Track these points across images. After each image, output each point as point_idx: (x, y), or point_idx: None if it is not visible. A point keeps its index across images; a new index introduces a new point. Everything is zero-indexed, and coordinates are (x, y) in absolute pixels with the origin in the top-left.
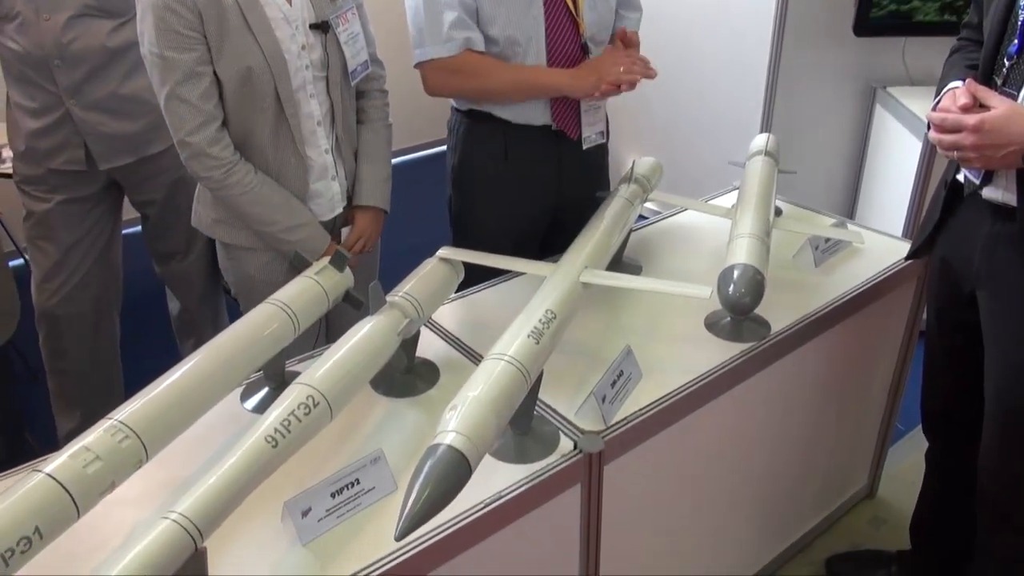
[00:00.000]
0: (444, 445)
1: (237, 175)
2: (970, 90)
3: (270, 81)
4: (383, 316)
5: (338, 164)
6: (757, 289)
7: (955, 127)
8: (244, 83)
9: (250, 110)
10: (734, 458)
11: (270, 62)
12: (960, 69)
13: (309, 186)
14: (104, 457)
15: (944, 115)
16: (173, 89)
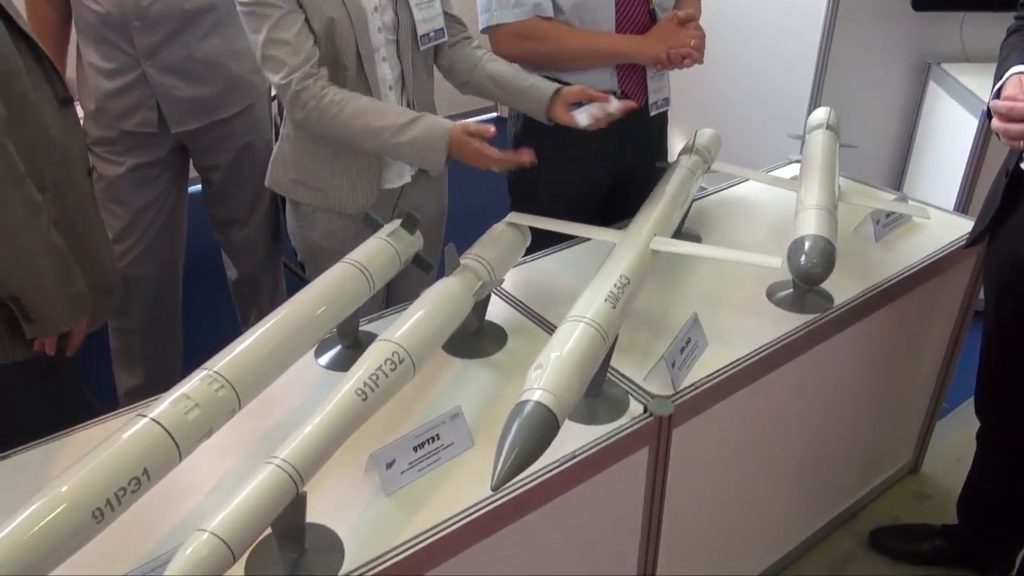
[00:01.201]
0: (533, 401)
1: (328, 96)
2: None
3: (351, 36)
4: (458, 277)
5: None
6: (828, 260)
7: (1023, 116)
8: (328, 36)
9: (334, 66)
10: (789, 428)
11: (352, 16)
12: (1021, 52)
13: None
14: (203, 405)
15: (1012, 104)
16: (269, 34)
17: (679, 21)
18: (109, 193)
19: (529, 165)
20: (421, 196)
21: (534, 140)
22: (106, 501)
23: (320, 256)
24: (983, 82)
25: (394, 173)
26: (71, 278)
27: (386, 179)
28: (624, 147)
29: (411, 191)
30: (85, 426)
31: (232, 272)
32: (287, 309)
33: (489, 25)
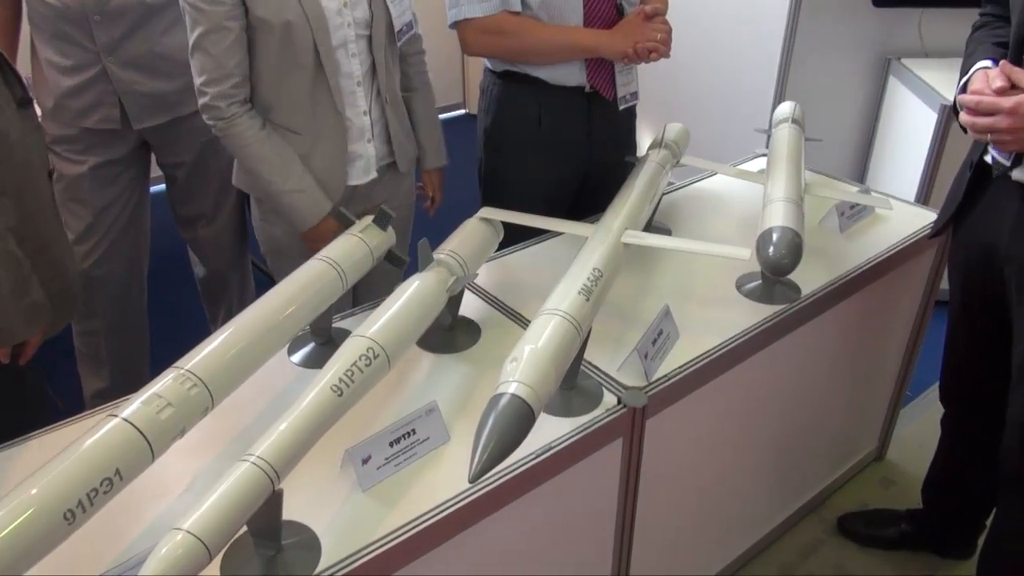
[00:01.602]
0: (509, 394)
1: (238, 127)
2: (1005, 72)
3: (309, 36)
4: (432, 273)
5: (376, 127)
6: (796, 251)
7: (991, 110)
8: (283, 38)
9: (290, 65)
10: (758, 418)
11: (309, 17)
12: (987, 47)
13: (348, 147)
14: (175, 404)
15: (979, 98)
16: (198, 40)
17: (645, 15)
18: (70, 193)
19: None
20: (388, 193)
21: (504, 135)
22: (78, 502)
23: (284, 253)
24: (942, 76)
25: (359, 169)
26: (27, 288)
27: (350, 175)
28: (593, 142)
29: (377, 188)
30: (50, 429)
31: (200, 270)
32: (259, 306)
33: (457, 20)
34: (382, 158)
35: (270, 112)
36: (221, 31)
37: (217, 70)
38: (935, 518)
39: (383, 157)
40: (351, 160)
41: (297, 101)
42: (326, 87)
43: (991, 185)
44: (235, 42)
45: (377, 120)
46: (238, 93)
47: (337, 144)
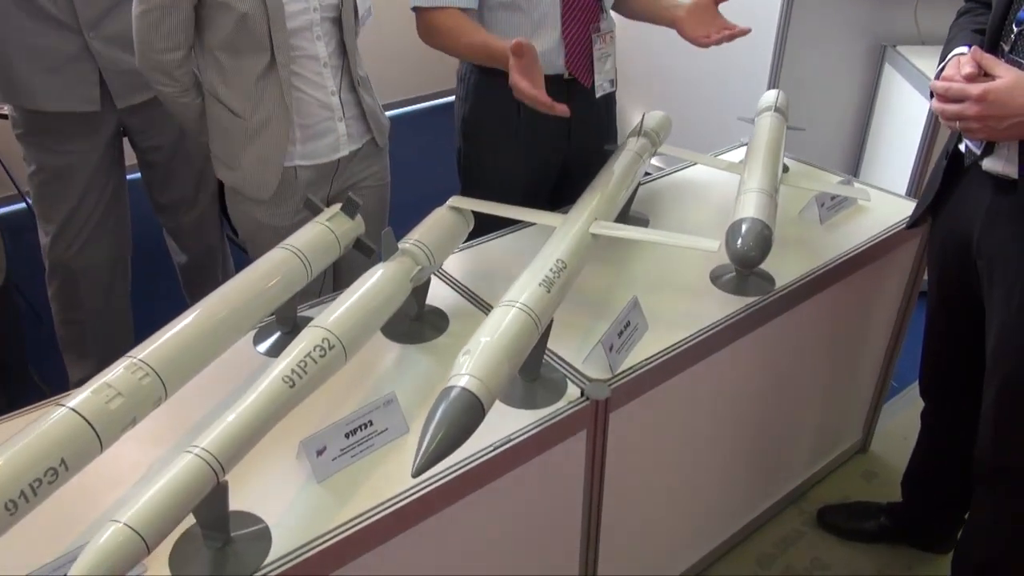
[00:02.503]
0: (459, 388)
1: (188, 96)
2: (975, 58)
3: (265, 26)
4: (395, 263)
5: (348, 106)
6: (765, 243)
7: (959, 96)
8: (238, 23)
9: (244, 49)
10: (734, 409)
11: (268, 7)
12: (967, 34)
13: (296, 140)
14: (126, 393)
15: (948, 84)
16: (150, 9)
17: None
18: (48, 184)
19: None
20: (362, 169)
21: (482, 124)
22: (20, 492)
23: (260, 236)
24: (936, 64)
25: (327, 146)
26: None
27: (318, 152)
28: (572, 130)
29: (350, 164)
30: (20, 413)
31: (180, 257)
32: (217, 295)
33: (412, 6)
34: (360, 135)
35: (216, 91)
36: (174, 9)
37: (168, 41)
38: (914, 512)
39: (361, 134)
40: (319, 137)
41: (244, 86)
42: (276, 78)
43: (965, 175)
44: (188, 18)
45: (348, 100)
46: (188, 61)
47: (277, 136)
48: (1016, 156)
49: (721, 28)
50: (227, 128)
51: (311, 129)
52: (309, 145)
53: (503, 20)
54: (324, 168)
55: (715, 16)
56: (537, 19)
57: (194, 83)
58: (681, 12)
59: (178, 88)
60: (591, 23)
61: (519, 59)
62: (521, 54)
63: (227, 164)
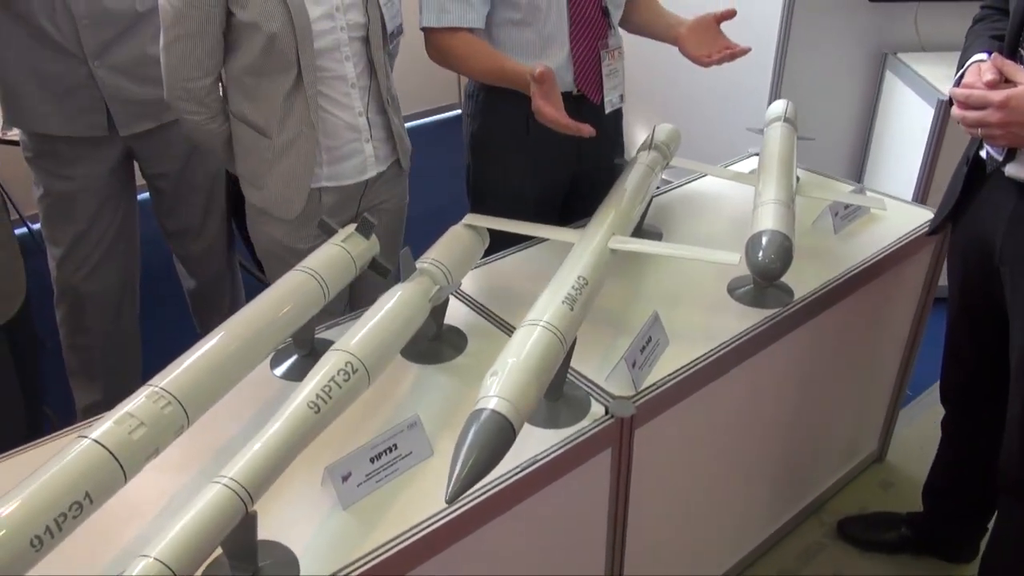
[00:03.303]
0: (488, 410)
1: (216, 123)
2: (996, 65)
3: (293, 46)
4: (414, 283)
5: (376, 128)
6: (786, 255)
7: (980, 103)
8: (267, 44)
9: (272, 70)
10: (754, 423)
11: (296, 27)
12: (984, 40)
13: (322, 162)
14: (148, 423)
15: (969, 91)
16: (179, 37)
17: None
18: (56, 208)
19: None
20: (385, 192)
21: (492, 142)
22: (45, 528)
23: (277, 256)
24: (939, 71)
25: (354, 168)
26: None
27: (344, 174)
28: (582, 145)
29: (375, 186)
30: (37, 444)
31: (189, 283)
32: (237, 320)
33: (421, 27)
34: (387, 157)
35: (242, 111)
36: (203, 35)
37: (200, 69)
38: (936, 522)
39: (387, 156)
40: (339, 160)
41: (271, 105)
42: (303, 97)
43: (986, 181)
44: (218, 43)
45: (376, 121)
46: (217, 87)
47: (304, 155)
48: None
49: (722, 48)
50: (253, 148)
51: (337, 151)
52: (335, 167)
53: (512, 37)
54: (350, 190)
55: (716, 35)
56: (546, 36)
57: (221, 108)
58: (683, 30)
59: (207, 115)
60: (599, 39)
61: (541, 86)
62: (543, 80)
63: (253, 184)
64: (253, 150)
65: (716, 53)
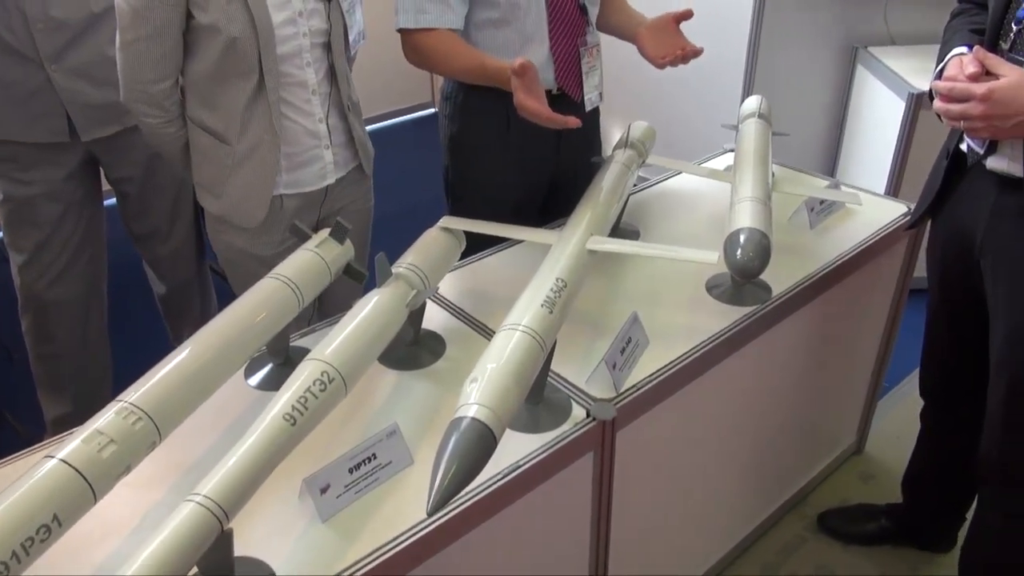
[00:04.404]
0: (469, 418)
1: (174, 127)
2: (979, 58)
3: (255, 51)
4: (390, 288)
5: (336, 133)
6: (764, 253)
7: (963, 96)
8: (227, 53)
9: (232, 74)
10: (735, 420)
11: (259, 32)
12: (964, 34)
13: (281, 169)
14: (118, 440)
15: (952, 84)
16: (137, 39)
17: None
18: (18, 214)
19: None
20: (347, 195)
21: (471, 143)
22: (11, 554)
23: (242, 264)
24: (909, 64)
25: (313, 174)
26: None
27: (304, 181)
28: (562, 144)
29: (336, 191)
30: (2, 463)
31: (159, 287)
32: (209, 330)
33: (397, 28)
34: (347, 162)
35: (200, 117)
36: (163, 36)
37: (157, 71)
38: (916, 513)
39: (347, 161)
40: (300, 167)
41: (231, 111)
42: (265, 103)
43: (967, 174)
44: (177, 45)
45: (337, 127)
46: (176, 91)
47: (266, 162)
48: (1020, 154)
49: (677, 48)
50: (212, 155)
51: (297, 157)
52: (295, 174)
53: (491, 38)
54: (311, 196)
55: (674, 35)
56: (526, 35)
57: (180, 113)
58: (642, 30)
59: (164, 118)
60: (578, 36)
61: (522, 79)
62: (523, 74)
63: (212, 192)
64: (212, 157)
65: (670, 54)
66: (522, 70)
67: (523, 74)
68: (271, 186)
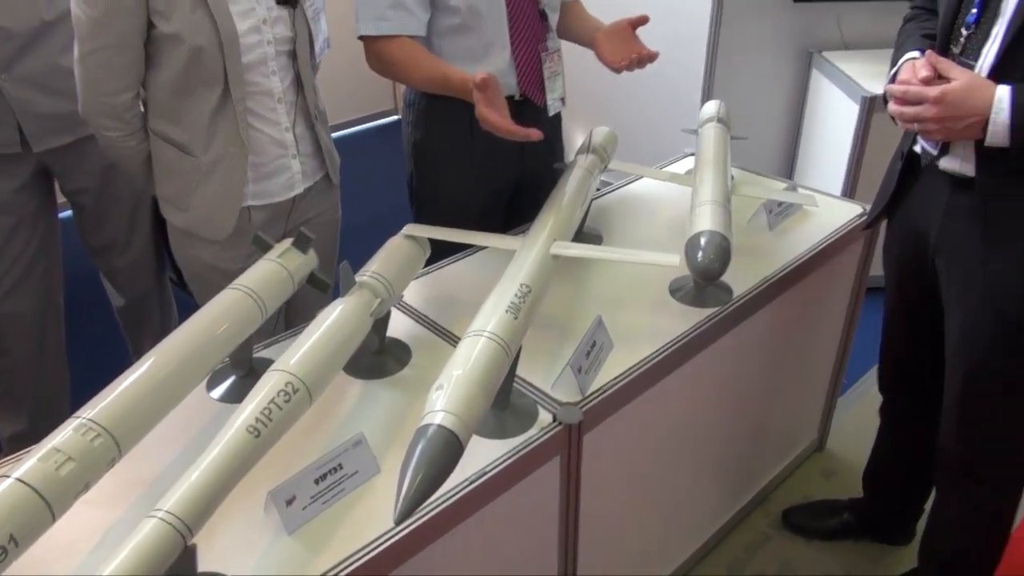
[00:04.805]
0: (435, 425)
1: (136, 139)
2: (931, 61)
3: (220, 60)
4: (354, 297)
5: (303, 142)
6: (725, 255)
7: (917, 99)
8: (191, 62)
9: (196, 84)
10: (699, 420)
11: (223, 40)
12: (916, 39)
13: (248, 180)
14: (76, 457)
15: (905, 88)
16: (96, 50)
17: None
18: None
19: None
20: (316, 206)
21: (434, 150)
22: None
23: (208, 279)
24: (862, 68)
25: (281, 184)
26: None
27: (271, 191)
28: (526, 150)
29: (304, 202)
30: None
31: (117, 300)
32: (169, 343)
33: (358, 35)
34: (315, 172)
35: (163, 129)
36: (125, 48)
37: (120, 81)
38: (876, 507)
39: (315, 171)
40: (267, 177)
41: (196, 122)
42: (231, 113)
43: (921, 175)
44: (139, 56)
45: (303, 136)
46: (137, 103)
47: (233, 173)
48: (972, 155)
49: (633, 52)
50: (177, 168)
51: (264, 167)
52: (262, 184)
53: (453, 44)
54: (278, 207)
55: (630, 40)
56: (487, 41)
57: (142, 125)
58: (599, 35)
59: (125, 131)
60: (539, 42)
61: (484, 92)
62: (485, 88)
63: (177, 206)
64: (177, 170)
65: (626, 59)
66: (484, 84)
67: (485, 88)
68: (239, 197)
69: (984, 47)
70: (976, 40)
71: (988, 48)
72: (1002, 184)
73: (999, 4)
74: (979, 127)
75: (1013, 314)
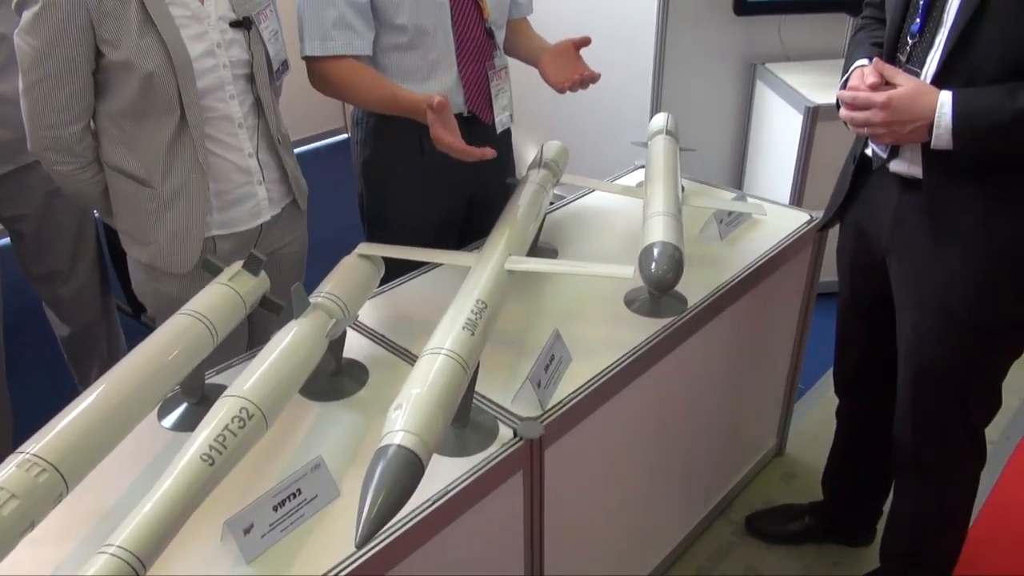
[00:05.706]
0: (395, 445)
1: (90, 172)
2: (878, 69)
3: (173, 86)
4: (309, 318)
5: (268, 168)
6: (678, 265)
7: (865, 104)
8: (144, 90)
9: (151, 113)
10: (659, 430)
11: (175, 65)
12: (866, 48)
13: (212, 209)
14: (20, 495)
15: (854, 93)
16: (40, 80)
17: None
18: None
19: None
20: (285, 235)
21: (384, 169)
22: None
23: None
24: (804, 79)
25: (247, 212)
26: None
27: (237, 220)
28: (477, 167)
29: (272, 230)
30: None
31: (62, 330)
32: (117, 372)
33: (302, 55)
34: (282, 198)
35: (118, 162)
36: (72, 74)
37: (68, 112)
38: (836, 508)
39: (282, 197)
40: (232, 205)
41: (153, 152)
42: (188, 140)
43: (872, 177)
44: (88, 82)
45: (268, 161)
46: (88, 134)
47: (195, 203)
48: (920, 158)
49: (576, 73)
50: (135, 201)
51: (228, 195)
52: (227, 213)
53: (398, 62)
54: (245, 236)
55: (574, 60)
56: (433, 60)
57: (95, 156)
58: (544, 55)
59: (78, 164)
60: (486, 60)
61: (438, 115)
62: (440, 110)
63: (138, 239)
64: (135, 203)
65: (569, 79)
66: (440, 107)
67: (440, 111)
68: (202, 227)
69: (928, 55)
70: (921, 48)
71: (932, 56)
72: (948, 183)
73: (941, 13)
74: (924, 131)
75: (963, 313)
